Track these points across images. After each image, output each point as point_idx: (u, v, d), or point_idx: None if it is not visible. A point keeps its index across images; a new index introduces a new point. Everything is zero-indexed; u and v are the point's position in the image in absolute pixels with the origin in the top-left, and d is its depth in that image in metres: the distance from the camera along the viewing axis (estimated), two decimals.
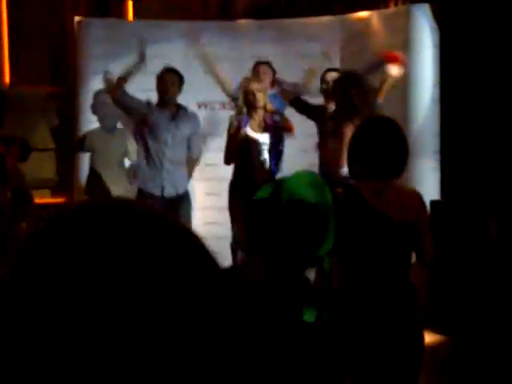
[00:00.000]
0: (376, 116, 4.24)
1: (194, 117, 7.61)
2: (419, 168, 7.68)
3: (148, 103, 7.48)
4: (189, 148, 7.55)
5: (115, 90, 7.34)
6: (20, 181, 6.53)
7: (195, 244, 0.95)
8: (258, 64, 7.84)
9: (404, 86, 7.70)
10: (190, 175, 7.68)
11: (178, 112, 7.48)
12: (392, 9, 8.23)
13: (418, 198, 3.93)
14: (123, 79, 7.37)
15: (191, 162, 7.66)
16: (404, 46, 7.75)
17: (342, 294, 3.70)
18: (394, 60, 6.78)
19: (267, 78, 7.69)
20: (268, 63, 7.83)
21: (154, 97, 7.62)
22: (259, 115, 7.25)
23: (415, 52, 7.69)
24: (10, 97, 8.29)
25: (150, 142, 7.40)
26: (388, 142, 3.81)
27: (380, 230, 3.71)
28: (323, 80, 7.22)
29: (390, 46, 7.91)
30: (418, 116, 7.70)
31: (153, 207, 0.98)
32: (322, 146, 6.97)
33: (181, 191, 7.47)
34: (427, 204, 6.77)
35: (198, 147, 7.68)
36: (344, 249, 3.68)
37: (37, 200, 8.09)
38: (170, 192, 7.40)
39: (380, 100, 6.71)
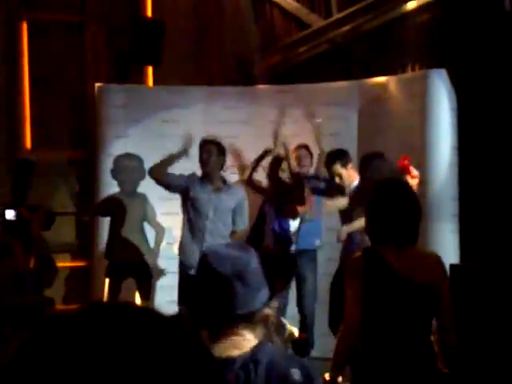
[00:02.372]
0: (389, 180, 4.25)
1: (238, 191, 7.61)
2: (438, 231, 7.67)
3: (190, 176, 7.48)
4: (233, 221, 7.54)
5: (157, 170, 7.40)
6: (44, 249, 6.57)
7: (192, 346, 0.97)
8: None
9: (422, 149, 7.73)
10: None
11: (222, 186, 7.48)
12: (409, 74, 8.30)
13: (438, 261, 3.95)
14: (165, 165, 7.41)
15: (236, 236, 7.59)
16: (422, 110, 7.80)
17: (366, 356, 3.69)
18: (406, 171, 6.83)
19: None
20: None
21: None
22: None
23: (433, 116, 7.74)
24: (34, 161, 8.37)
25: (192, 215, 7.40)
26: (406, 207, 3.86)
27: (405, 295, 3.71)
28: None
29: (408, 110, 7.98)
30: (437, 179, 7.71)
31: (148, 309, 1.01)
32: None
33: None
34: (447, 267, 6.77)
35: (243, 221, 7.64)
36: (370, 313, 3.67)
37: (57, 264, 8.12)
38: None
39: None
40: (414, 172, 6.74)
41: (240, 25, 10.46)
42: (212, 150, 7.40)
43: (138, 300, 8.33)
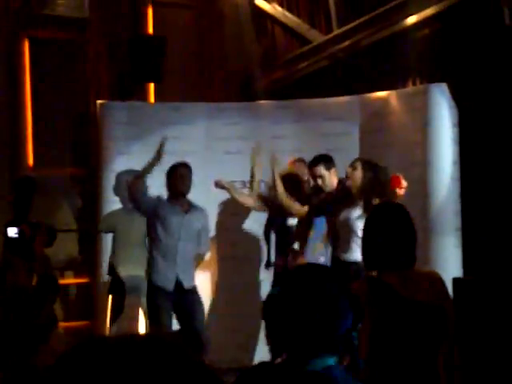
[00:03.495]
0: (384, 204, 4.21)
1: (203, 212, 7.65)
2: (441, 246, 7.67)
3: (158, 197, 7.53)
4: (198, 243, 7.58)
5: (134, 185, 7.43)
6: (46, 267, 6.59)
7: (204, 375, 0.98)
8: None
9: (424, 164, 7.74)
10: (195, 269, 7.66)
11: (189, 207, 7.52)
12: (410, 88, 8.31)
13: (439, 279, 3.91)
14: (140, 176, 7.46)
15: (198, 258, 7.69)
16: (423, 124, 7.81)
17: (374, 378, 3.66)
18: (397, 185, 6.85)
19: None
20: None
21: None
22: None
23: (434, 130, 7.74)
24: (34, 179, 8.39)
25: (163, 237, 7.42)
26: (405, 231, 3.83)
27: (416, 318, 3.68)
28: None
29: (409, 124, 7.99)
30: (439, 194, 7.71)
31: (159, 335, 1.02)
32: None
33: (193, 284, 7.48)
34: (449, 282, 6.77)
35: (206, 243, 7.75)
36: (379, 340, 3.64)
37: (60, 281, 8.13)
38: (187, 286, 7.39)
39: None
40: (404, 183, 6.77)
41: (241, 41, 10.50)
42: (188, 174, 7.46)
43: (141, 316, 8.32)
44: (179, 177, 7.43)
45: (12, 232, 6.92)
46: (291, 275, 2.68)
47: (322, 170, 7.23)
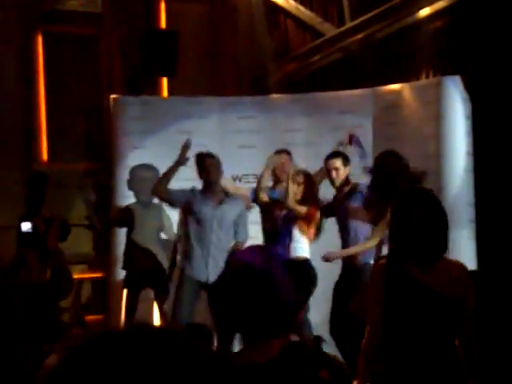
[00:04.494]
0: (416, 190, 4.06)
1: (238, 202, 7.62)
2: (455, 238, 7.57)
3: (192, 191, 7.52)
4: (235, 233, 7.58)
5: (160, 188, 7.42)
6: (60, 261, 6.61)
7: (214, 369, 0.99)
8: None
9: (437, 156, 7.73)
10: None
11: (223, 198, 7.52)
12: (423, 81, 8.29)
13: (464, 271, 3.81)
14: (166, 178, 7.43)
15: (237, 246, 7.59)
16: (436, 117, 7.79)
17: (390, 368, 3.64)
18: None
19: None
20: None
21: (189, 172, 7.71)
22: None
23: (448, 123, 7.73)
24: (47, 174, 8.43)
25: (196, 229, 7.43)
26: (436, 219, 3.71)
27: (432, 307, 3.63)
28: None
29: (422, 117, 7.97)
30: (453, 186, 7.70)
31: (169, 329, 1.03)
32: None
33: None
34: None
35: (244, 232, 7.65)
36: (394, 327, 3.62)
37: (74, 275, 8.15)
38: (213, 279, 7.36)
39: None
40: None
41: (254, 35, 10.50)
42: (214, 163, 7.43)
43: (155, 310, 8.35)
44: (207, 166, 7.42)
45: (25, 227, 6.94)
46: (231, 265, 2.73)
47: (339, 163, 7.24)
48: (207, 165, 7.42)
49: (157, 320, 8.29)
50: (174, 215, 8.29)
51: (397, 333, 3.66)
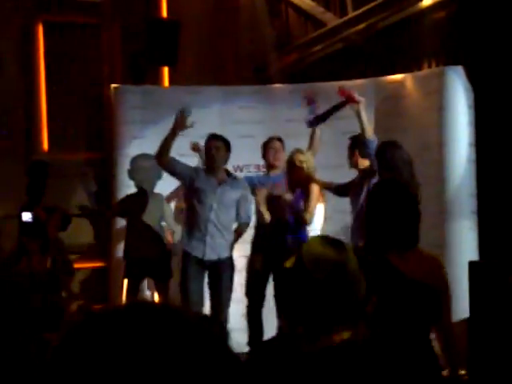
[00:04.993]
0: (387, 182, 4.13)
1: (241, 183, 7.62)
2: (456, 228, 7.64)
3: (195, 169, 7.54)
4: (237, 215, 7.57)
5: (162, 157, 7.38)
6: (60, 251, 6.61)
7: (214, 342, 0.97)
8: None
9: (440, 146, 7.71)
10: (236, 240, 7.62)
11: (226, 178, 7.52)
12: (426, 71, 8.27)
13: (440, 265, 3.96)
14: (167, 148, 7.37)
15: (240, 227, 7.64)
16: (438, 107, 7.77)
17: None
18: (352, 100, 6.91)
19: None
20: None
21: (190, 161, 7.70)
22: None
23: (450, 113, 7.71)
24: (48, 163, 8.41)
25: (196, 206, 7.43)
26: (408, 209, 3.80)
27: (411, 295, 3.69)
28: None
29: (425, 107, 7.95)
30: (455, 176, 7.69)
31: (171, 305, 1.03)
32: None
33: (223, 256, 7.44)
34: (465, 265, 6.75)
35: (246, 213, 7.64)
36: (375, 315, 3.64)
37: (74, 265, 8.15)
38: (210, 257, 7.39)
39: (372, 136, 6.82)
40: (358, 97, 6.86)
41: (255, 24, 10.46)
42: (220, 146, 7.45)
43: (156, 300, 8.35)
44: (209, 150, 7.44)
45: (26, 216, 6.94)
46: (302, 249, 2.66)
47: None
48: (211, 146, 7.44)
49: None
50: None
51: (379, 320, 3.69)
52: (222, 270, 7.38)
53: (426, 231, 6.67)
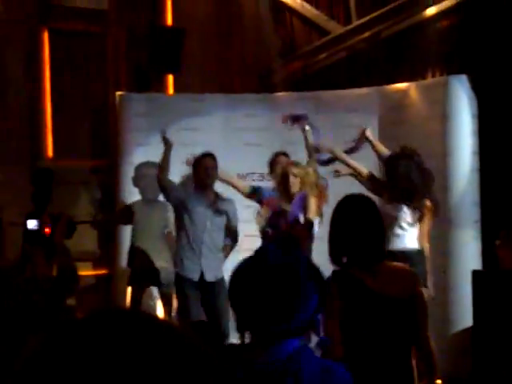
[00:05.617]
0: (351, 197, 4.08)
1: (230, 203, 7.61)
2: (460, 237, 7.65)
3: (185, 188, 7.53)
4: (226, 235, 7.57)
5: (162, 177, 7.41)
6: (66, 258, 6.61)
7: (199, 356, 0.98)
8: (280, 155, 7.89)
9: (443, 155, 7.72)
10: (224, 260, 7.57)
11: (216, 198, 7.49)
12: (430, 80, 8.28)
13: (411, 274, 3.91)
14: (166, 169, 7.42)
15: (228, 248, 7.64)
16: (442, 116, 7.78)
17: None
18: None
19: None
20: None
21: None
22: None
23: (454, 122, 7.72)
24: (52, 170, 8.43)
25: (189, 227, 7.42)
26: (373, 224, 3.79)
27: (382, 310, 3.66)
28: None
29: (429, 116, 7.96)
30: (458, 185, 7.69)
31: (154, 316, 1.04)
32: None
33: (219, 277, 7.39)
34: (469, 274, 6.75)
35: (234, 235, 7.66)
36: (346, 333, 3.62)
37: (79, 272, 8.16)
38: (209, 278, 7.36)
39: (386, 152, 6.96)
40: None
41: (260, 32, 10.48)
42: (214, 165, 7.41)
43: (159, 308, 8.35)
44: (204, 169, 7.38)
45: (32, 224, 6.95)
46: (259, 253, 2.65)
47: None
48: (204, 167, 7.40)
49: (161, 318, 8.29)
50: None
51: (354, 341, 3.66)
52: (219, 290, 7.29)
53: (431, 239, 6.73)
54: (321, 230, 7.30)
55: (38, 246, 6.90)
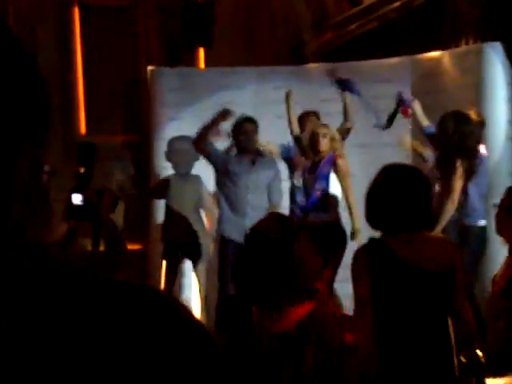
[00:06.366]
0: (396, 164, 3.96)
1: (272, 163, 7.63)
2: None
3: (226, 152, 7.57)
4: (268, 194, 7.57)
5: (200, 141, 7.44)
6: (114, 231, 6.63)
7: (198, 334, 0.96)
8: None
9: None
10: None
11: (257, 158, 7.54)
12: (463, 48, 8.17)
13: (451, 247, 3.81)
14: (205, 134, 7.43)
15: (271, 208, 7.58)
16: (476, 84, 7.69)
17: (381, 349, 3.55)
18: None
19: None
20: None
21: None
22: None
23: (488, 90, 7.62)
24: (95, 144, 8.45)
25: (232, 189, 7.44)
26: (413, 190, 3.66)
27: (416, 284, 3.57)
28: None
29: (462, 84, 7.86)
30: (494, 154, 7.59)
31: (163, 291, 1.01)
32: None
33: None
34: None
35: (278, 193, 7.67)
36: (378, 304, 3.55)
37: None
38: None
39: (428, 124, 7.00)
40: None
41: (291, 3, 10.41)
42: (254, 129, 7.49)
43: (194, 281, 8.37)
44: (244, 133, 7.45)
45: (77, 199, 6.97)
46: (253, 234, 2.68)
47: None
48: (244, 131, 7.45)
49: (195, 290, 8.31)
50: (210, 186, 8.28)
51: (386, 314, 3.58)
52: None
53: None
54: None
55: (84, 222, 6.93)
